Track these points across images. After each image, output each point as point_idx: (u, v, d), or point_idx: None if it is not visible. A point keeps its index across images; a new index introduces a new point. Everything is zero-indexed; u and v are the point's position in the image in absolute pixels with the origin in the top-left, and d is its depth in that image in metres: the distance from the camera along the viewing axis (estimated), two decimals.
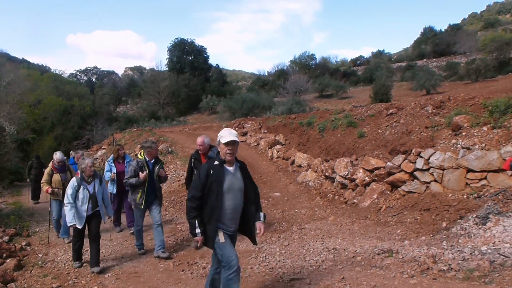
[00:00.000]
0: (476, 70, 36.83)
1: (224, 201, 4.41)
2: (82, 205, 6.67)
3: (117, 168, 9.27)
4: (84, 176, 6.76)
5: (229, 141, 4.37)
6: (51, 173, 8.87)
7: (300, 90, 41.67)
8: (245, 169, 4.72)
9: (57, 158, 8.94)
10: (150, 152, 7.29)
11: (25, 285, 6.17)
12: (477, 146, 7.93)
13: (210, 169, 4.44)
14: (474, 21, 71.45)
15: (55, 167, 8.96)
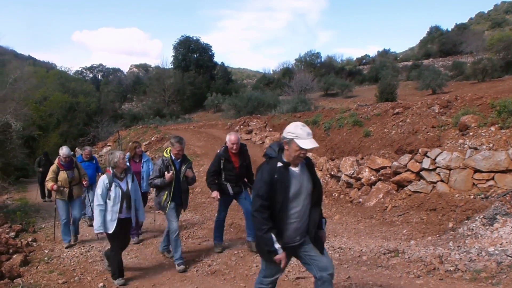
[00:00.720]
0: (483, 70, 36.63)
1: (289, 210, 3.69)
2: (114, 205, 5.80)
3: (133, 168, 7.85)
4: (116, 172, 5.89)
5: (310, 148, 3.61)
6: (57, 171, 8.05)
7: (305, 88, 41.62)
8: (311, 166, 3.92)
9: (63, 154, 8.11)
10: (177, 150, 6.53)
11: (31, 281, 6.19)
12: (485, 146, 7.89)
13: (274, 173, 3.65)
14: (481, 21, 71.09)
15: (62, 164, 8.14)
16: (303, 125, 3.67)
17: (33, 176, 26.40)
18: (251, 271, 6.02)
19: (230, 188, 6.82)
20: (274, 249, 3.62)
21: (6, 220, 9.72)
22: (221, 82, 54.25)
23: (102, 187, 5.76)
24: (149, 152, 18.13)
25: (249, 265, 6.29)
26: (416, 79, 39.38)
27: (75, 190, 8.22)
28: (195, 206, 10.96)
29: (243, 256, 6.76)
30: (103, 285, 5.84)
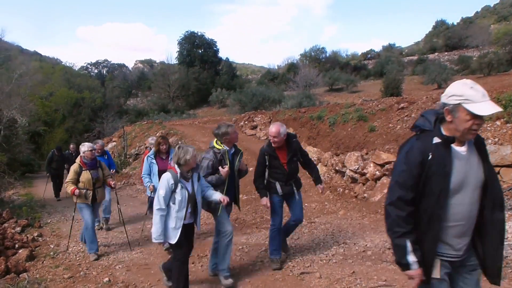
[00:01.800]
0: (489, 64, 36.43)
1: (450, 205, 2.55)
2: (179, 210, 4.84)
3: (159, 166, 7.32)
4: (183, 171, 4.89)
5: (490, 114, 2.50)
6: (79, 171, 7.06)
7: (310, 83, 41.56)
8: (482, 145, 2.77)
9: (87, 148, 7.21)
10: (229, 139, 5.58)
11: (37, 276, 6.23)
12: (490, 140, 7.84)
13: (427, 153, 2.56)
14: (487, 14, 70.49)
15: (85, 163, 7.15)
16: (473, 83, 2.55)
17: (39, 171, 26.58)
18: (255, 267, 6.03)
19: (280, 187, 5.89)
20: (405, 262, 2.60)
21: (12, 215, 9.77)
22: (225, 77, 54.23)
23: (165, 188, 4.80)
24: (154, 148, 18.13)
25: (254, 261, 6.29)
26: (422, 73, 39.25)
27: (99, 193, 7.29)
28: None
29: (247, 252, 6.77)
30: (108, 280, 5.87)
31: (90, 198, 7.10)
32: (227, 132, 5.51)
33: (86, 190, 7.06)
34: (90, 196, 7.11)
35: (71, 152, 14.00)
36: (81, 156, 7.22)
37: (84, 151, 7.18)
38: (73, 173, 7.05)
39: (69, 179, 7.05)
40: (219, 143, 5.59)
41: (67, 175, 13.82)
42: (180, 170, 4.86)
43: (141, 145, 18.90)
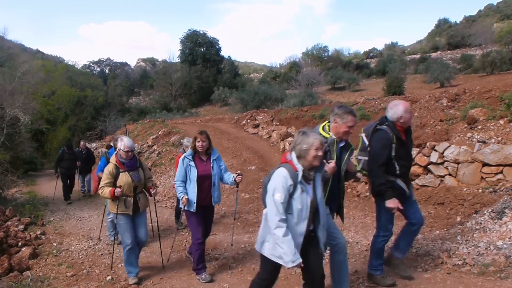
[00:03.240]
0: (492, 62, 36.27)
1: None
2: (299, 222, 3.62)
3: (199, 170, 5.74)
4: (305, 171, 3.61)
5: None
6: (116, 172, 5.67)
7: (312, 82, 41.49)
8: None
9: (125, 146, 5.65)
10: (349, 127, 4.41)
11: (40, 273, 6.25)
12: (493, 139, 7.84)
13: None
14: (490, 13, 70.28)
15: (122, 163, 5.72)
16: None
17: (41, 170, 26.63)
18: (258, 265, 6.03)
19: (404, 185, 4.83)
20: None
21: (15, 213, 9.79)
22: (228, 76, 54.15)
23: (284, 189, 3.52)
24: (156, 146, 18.13)
25: (256, 259, 6.28)
26: (424, 72, 39.10)
27: (141, 200, 5.85)
28: None
29: (250, 250, 6.78)
30: (111, 278, 5.88)
31: (131, 206, 5.69)
32: (347, 113, 4.37)
33: (125, 197, 5.64)
34: (131, 204, 5.69)
35: (81, 149, 13.83)
36: (116, 154, 5.80)
37: (120, 149, 5.67)
38: (108, 176, 5.63)
39: (103, 183, 5.64)
40: (327, 129, 4.51)
41: (79, 174, 13.55)
42: (301, 166, 3.60)
43: (143, 144, 18.90)
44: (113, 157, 5.83)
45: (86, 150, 14.00)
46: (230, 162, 13.35)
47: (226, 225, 8.60)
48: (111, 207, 5.76)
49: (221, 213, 9.44)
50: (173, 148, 16.40)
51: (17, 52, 52.53)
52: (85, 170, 13.76)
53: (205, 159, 5.82)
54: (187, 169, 5.73)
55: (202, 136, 5.76)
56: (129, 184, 5.66)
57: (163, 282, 5.65)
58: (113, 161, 5.75)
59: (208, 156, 5.86)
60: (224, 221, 8.95)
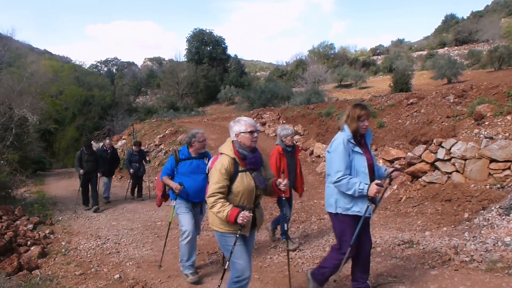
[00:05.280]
0: (499, 58, 36.05)
1: None
2: None
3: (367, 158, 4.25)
4: None
5: None
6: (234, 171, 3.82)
7: (318, 80, 41.45)
8: None
9: (248, 125, 3.93)
10: None
11: (49, 272, 6.29)
12: (501, 135, 7.79)
13: None
14: (497, 8, 69.59)
15: (243, 155, 3.87)
16: None
17: (50, 169, 26.81)
18: (265, 263, 6.05)
19: None
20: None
21: (24, 212, 9.86)
22: (234, 74, 54.22)
23: None
24: (163, 145, 18.18)
25: (263, 257, 6.31)
26: (431, 68, 38.98)
27: (258, 214, 4.02)
28: None
29: (257, 248, 6.79)
30: (119, 276, 5.91)
31: (249, 225, 3.86)
32: None
33: (249, 211, 3.71)
34: (250, 222, 3.80)
35: (105, 148, 12.30)
36: (234, 144, 3.92)
37: (240, 131, 3.89)
38: (223, 176, 3.74)
39: (216, 189, 3.72)
40: None
41: (102, 178, 11.94)
42: None
43: (150, 143, 18.97)
44: (227, 146, 3.94)
45: (111, 149, 12.47)
46: None
47: None
48: (217, 221, 3.88)
49: None
50: (180, 147, 16.44)
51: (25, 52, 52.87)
52: (109, 173, 12.23)
53: (363, 143, 4.38)
54: (351, 156, 4.19)
55: (366, 111, 4.25)
56: (250, 190, 3.82)
57: (171, 281, 5.68)
58: (228, 152, 3.86)
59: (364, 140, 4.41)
60: None
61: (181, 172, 5.70)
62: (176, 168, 5.73)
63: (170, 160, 5.86)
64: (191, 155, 5.75)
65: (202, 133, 5.87)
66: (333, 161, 4.19)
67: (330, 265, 4.41)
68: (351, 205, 4.15)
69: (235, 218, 3.63)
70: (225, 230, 3.85)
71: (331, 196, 4.32)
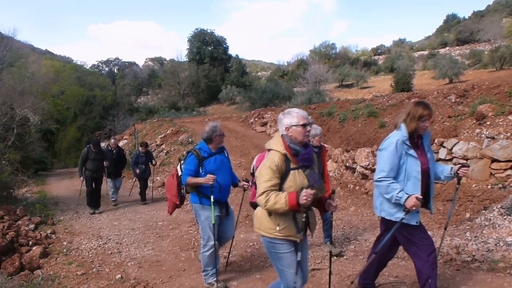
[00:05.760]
0: (501, 57, 36.01)
1: None
2: None
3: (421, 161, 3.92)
4: None
5: None
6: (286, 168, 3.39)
7: (320, 80, 41.45)
8: None
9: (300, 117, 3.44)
10: None
11: (50, 272, 6.29)
12: (502, 135, 7.78)
13: None
14: (499, 8, 69.45)
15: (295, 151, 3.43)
16: None
17: (51, 169, 26.82)
18: (266, 263, 6.04)
19: None
20: None
21: (25, 212, 9.87)
22: (235, 74, 54.20)
23: None
24: (164, 145, 18.19)
25: (265, 257, 6.30)
26: (433, 68, 38.96)
27: (312, 218, 3.53)
28: None
29: (258, 248, 6.79)
30: (120, 276, 5.92)
31: (301, 229, 3.42)
32: None
33: (295, 213, 3.37)
34: (302, 224, 3.40)
35: (111, 148, 11.79)
36: (284, 139, 3.47)
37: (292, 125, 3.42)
38: (274, 174, 3.32)
39: (267, 187, 3.30)
40: None
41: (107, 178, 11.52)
42: None
43: (151, 143, 18.97)
44: (276, 141, 3.49)
45: (117, 149, 11.92)
46: (238, 160, 13.38)
47: None
48: (266, 225, 3.47)
49: None
50: (182, 147, 16.46)
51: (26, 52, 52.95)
52: (115, 174, 11.71)
53: (419, 144, 4.03)
54: (403, 159, 3.89)
55: (430, 111, 3.92)
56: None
57: (172, 281, 5.68)
58: (278, 148, 3.43)
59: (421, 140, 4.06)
60: None
61: (208, 171, 5.16)
62: (202, 168, 5.19)
63: (191, 160, 5.23)
64: (212, 151, 5.29)
65: (220, 125, 5.50)
66: (380, 160, 3.95)
67: (428, 272, 3.92)
68: (395, 210, 3.90)
69: (296, 199, 3.17)
70: (275, 236, 3.43)
71: (377, 197, 4.08)
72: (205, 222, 5.24)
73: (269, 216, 3.44)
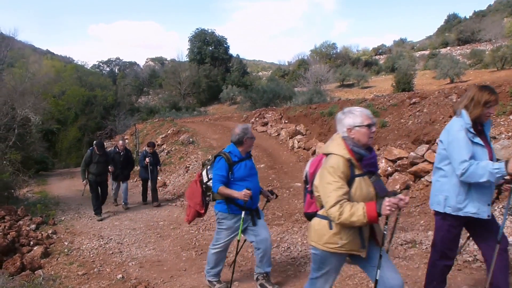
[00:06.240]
0: (502, 57, 36.00)
1: None
2: None
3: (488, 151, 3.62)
4: None
5: None
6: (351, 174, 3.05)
7: (320, 79, 41.50)
8: None
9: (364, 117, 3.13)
10: None
11: (52, 272, 6.30)
12: (504, 135, 7.77)
13: None
14: (500, 8, 69.45)
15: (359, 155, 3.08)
16: None
17: (53, 169, 26.83)
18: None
19: None
20: None
21: (26, 212, 9.88)
22: (236, 74, 54.26)
23: None
24: (165, 145, 18.19)
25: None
26: (434, 68, 38.99)
27: (378, 229, 3.22)
28: None
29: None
30: (121, 276, 5.92)
31: (367, 242, 3.15)
32: None
33: (359, 231, 3.07)
34: (367, 237, 3.16)
35: (118, 150, 11.15)
36: (345, 141, 3.11)
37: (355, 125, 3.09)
38: (339, 181, 2.96)
39: (339, 196, 2.92)
40: None
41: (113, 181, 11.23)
42: None
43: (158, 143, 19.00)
44: (337, 144, 3.13)
45: (125, 152, 11.29)
46: None
47: None
48: (326, 238, 3.11)
49: None
50: (182, 147, 16.46)
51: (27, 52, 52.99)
52: (123, 177, 11.25)
53: (482, 133, 3.66)
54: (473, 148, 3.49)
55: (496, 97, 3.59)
56: (370, 200, 3.02)
57: (173, 280, 5.68)
58: (341, 152, 3.06)
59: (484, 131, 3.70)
60: None
61: (238, 177, 4.77)
62: (231, 174, 4.78)
63: (221, 165, 4.79)
64: (242, 156, 4.88)
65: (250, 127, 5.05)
66: (453, 151, 3.48)
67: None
68: (464, 205, 3.51)
69: (376, 211, 2.83)
70: (335, 250, 3.09)
71: (440, 192, 3.66)
72: (225, 232, 4.91)
73: (331, 229, 3.08)
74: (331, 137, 3.28)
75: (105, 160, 10.13)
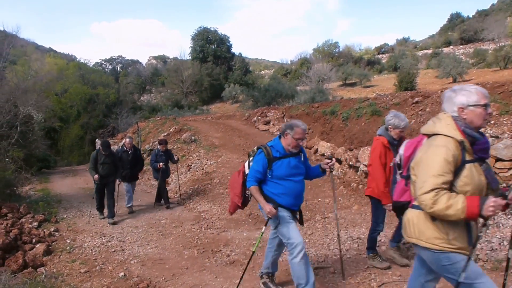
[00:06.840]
0: (505, 57, 35.90)
1: None
2: None
3: None
4: None
5: None
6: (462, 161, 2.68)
7: (323, 78, 41.45)
8: None
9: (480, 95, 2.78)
10: None
11: (54, 270, 6.31)
12: (507, 134, 7.75)
13: None
14: (503, 7, 69.26)
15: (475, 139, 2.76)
16: None
17: (55, 167, 26.86)
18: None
19: None
20: None
21: (29, 210, 9.90)
22: (238, 73, 54.23)
23: None
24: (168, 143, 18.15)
25: None
26: (436, 67, 38.85)
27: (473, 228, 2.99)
28: (213, 196, 11.00)
29: (261, 247, 6.78)
30: (123, 274, 5.93)
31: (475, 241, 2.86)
32: None
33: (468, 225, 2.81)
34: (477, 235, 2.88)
35: (126, 149, 10.47)
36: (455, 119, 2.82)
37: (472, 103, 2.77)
38: (444, 166, 2.63)
39: (437, 184, 2.62)
40: None
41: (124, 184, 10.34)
42: None
43: (155, 141, 18.98)
44: (447, 124, 2.80)
45: (133, 150, 10.59)
46: (241, 158, 13.37)
47: (237, 222, 8.61)
48: (430, 233, 2.78)
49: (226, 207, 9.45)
50: (184, 145, 16.46)
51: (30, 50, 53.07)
52: (131, 177, 10.52)
53: None
54: None
55: None
56: (481, 190, 2.73)
57: (175, 278, 5.69)
58: (452, 133, 2.72)
59: None
60: (235, 217, 8.98)
61: (277, 176, 4.38)
62: (270, 171, 4.37)
63: (260, 159, 4.41)
64: (286, 152, 4.43)
65: (304, 128, 4.51)
66: None
67: None
68: None
69: (479, 209, 2.50)
70: (442, 247, 2.72)
71: None
72: (280, 228, 4.43)
73: (433, 222, 2.71)
74: (436, 116, 2.92)
75: (112, 160, 9.61)
